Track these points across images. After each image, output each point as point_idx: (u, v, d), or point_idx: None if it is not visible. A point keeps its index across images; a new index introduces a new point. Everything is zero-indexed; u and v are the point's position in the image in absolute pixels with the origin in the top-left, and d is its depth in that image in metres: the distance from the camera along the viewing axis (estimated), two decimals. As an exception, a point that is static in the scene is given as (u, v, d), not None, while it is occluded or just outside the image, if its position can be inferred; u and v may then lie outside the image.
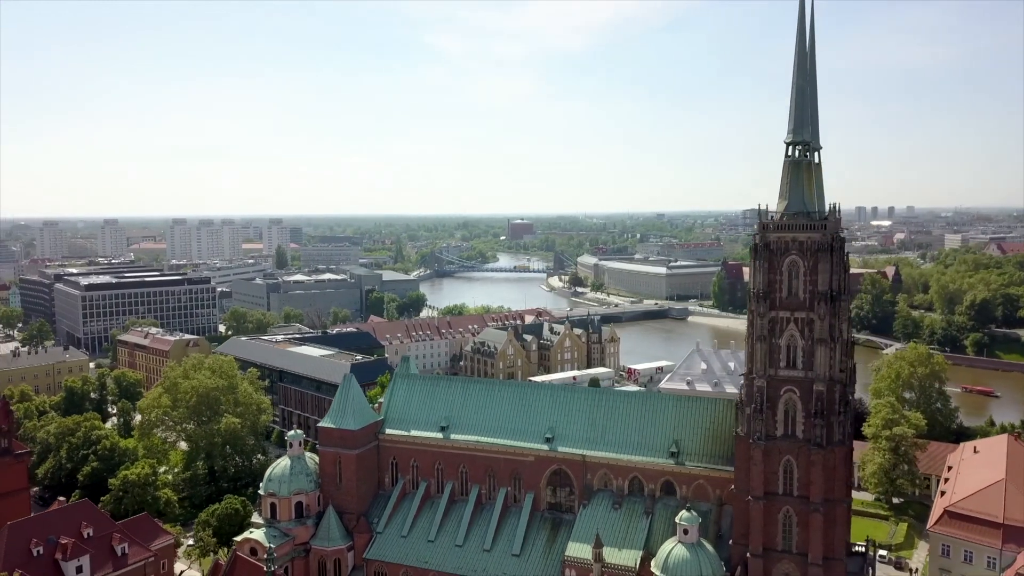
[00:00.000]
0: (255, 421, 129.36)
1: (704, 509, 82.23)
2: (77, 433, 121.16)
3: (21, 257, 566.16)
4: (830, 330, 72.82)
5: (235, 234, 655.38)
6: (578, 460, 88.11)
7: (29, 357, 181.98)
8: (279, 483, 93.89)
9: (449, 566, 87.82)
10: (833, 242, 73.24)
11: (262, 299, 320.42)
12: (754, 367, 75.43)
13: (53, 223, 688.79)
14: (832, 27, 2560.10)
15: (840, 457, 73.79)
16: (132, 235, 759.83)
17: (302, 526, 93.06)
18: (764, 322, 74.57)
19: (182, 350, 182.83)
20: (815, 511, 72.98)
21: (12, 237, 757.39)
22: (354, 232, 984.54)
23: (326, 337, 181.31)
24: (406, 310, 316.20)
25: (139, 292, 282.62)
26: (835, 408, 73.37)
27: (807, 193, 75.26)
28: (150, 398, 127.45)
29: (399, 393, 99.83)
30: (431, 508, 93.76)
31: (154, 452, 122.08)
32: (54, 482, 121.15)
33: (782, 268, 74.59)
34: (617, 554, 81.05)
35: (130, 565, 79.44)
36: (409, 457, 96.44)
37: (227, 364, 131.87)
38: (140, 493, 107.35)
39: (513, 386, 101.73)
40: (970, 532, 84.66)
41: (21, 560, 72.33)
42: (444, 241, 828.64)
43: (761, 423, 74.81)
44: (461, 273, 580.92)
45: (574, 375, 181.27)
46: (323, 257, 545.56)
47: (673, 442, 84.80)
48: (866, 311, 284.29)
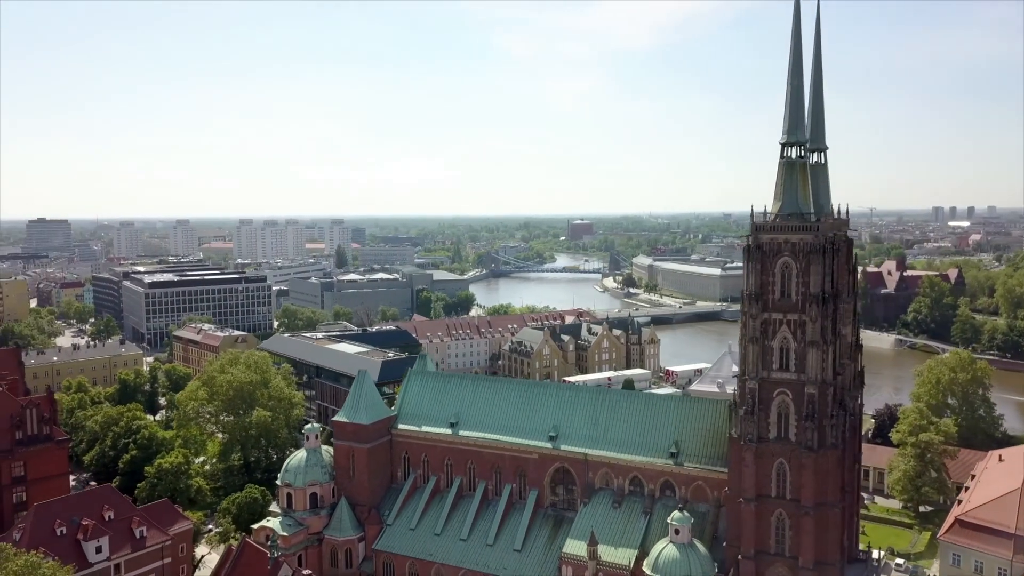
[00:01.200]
0: (288, 415, 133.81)
1: (702, 510, 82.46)
2: (120, 423, 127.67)
3: (102, 256, 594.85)
4: (822, 332, 72.13)
5: (299, 234, 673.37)
6: (580, 459, 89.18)
7: (88, 351, 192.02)
8: (295, 474, 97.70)
9: (452, 559, 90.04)
10: (827, 244, 72.48)
11: (316, 297, 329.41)
12: (746, 369, 75.27)
13: (129, 223, 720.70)
14: (902, 23, 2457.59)
15: (833, 461, 73.01)
16: (204, 235, 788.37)
17: (316, 516, 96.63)
18: (756, 324, 74.38)
19: (231, 346, 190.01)
20: (806, 514, 72.50)
21: (95, 237, 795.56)
22: (418, 233, 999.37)
23: (365, 335, 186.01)
24: (455, 309, 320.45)
25: (199, 290, 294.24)
26: (827, 411, 72.65)
27: (801, 194, 74.73)
28: (188, 391, 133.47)
29: (412, 390, 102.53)
30: (440, 502, 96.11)
31: (190, 442, 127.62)
32: (99, 468, 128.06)
33: (775, 270, 74.26)
34: (613, 552, 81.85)
35: (148, 547, 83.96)
36: (420, 452, 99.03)
37: (261, 359, 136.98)
38: (173, 481, 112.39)
39: (520, 384, 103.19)
40: (981, 542, 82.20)
41: (46, 539, 77.33)
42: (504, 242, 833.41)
43: (753, 425, 74.64)
44: (517, 273, 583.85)
45: (609, 376, 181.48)
46: (380, 257, 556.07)
47: (673, 443, 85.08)
48: (924, 315, 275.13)
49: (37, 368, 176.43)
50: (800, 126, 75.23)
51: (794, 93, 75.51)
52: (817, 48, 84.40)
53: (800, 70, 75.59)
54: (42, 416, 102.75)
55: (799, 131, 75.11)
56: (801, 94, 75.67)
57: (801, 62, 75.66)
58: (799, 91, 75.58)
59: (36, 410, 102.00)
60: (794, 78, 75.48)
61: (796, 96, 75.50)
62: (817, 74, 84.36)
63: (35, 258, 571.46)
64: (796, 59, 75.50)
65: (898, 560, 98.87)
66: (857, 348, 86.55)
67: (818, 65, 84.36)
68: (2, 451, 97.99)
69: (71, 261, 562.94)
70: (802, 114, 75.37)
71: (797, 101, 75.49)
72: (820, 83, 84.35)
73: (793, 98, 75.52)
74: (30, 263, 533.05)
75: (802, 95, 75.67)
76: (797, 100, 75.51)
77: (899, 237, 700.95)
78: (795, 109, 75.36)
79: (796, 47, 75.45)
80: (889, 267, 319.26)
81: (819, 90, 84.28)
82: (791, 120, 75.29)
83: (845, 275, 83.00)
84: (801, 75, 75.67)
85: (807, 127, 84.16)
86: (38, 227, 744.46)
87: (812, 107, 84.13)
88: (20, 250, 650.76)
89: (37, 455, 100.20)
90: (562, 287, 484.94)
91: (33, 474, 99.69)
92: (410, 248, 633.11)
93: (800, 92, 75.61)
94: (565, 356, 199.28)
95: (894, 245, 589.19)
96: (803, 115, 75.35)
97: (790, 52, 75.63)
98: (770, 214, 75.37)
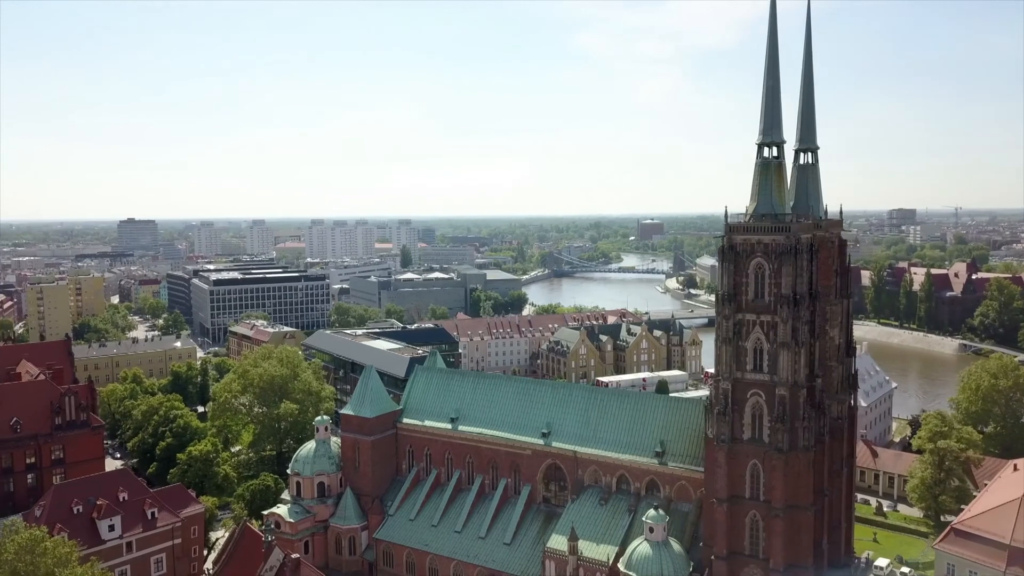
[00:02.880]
0: (317, 408, 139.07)
1: (685, 510, 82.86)
2: (160, 412, 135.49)
3: (184, 255, 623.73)
4: (794, 334, 71.71)
5: (368, 234, 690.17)
6: (570, 456, 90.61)
7: (145, 344, 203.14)
8: (303, 464, 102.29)
9: (446, 550, 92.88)
10: (799, 245, 71.94)
11: (374, 296, 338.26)
12: (720, 369, 75.40)
13: (209, 223, 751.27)
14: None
15: (804, 463, 72.44)
16: (280, 235, 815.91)
17: (323, 504, 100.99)
18: (729, 324, 74.45)
19: (279, 341, 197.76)
20: (776, 516, 72.22)
21: (182, 237, 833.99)
22: (489, 233, 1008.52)
23: (404, 332, 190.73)
24: (507, 308, 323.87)
25: (261, 288, 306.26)
26: (799, 413, 72.15)
27: (776, 195, 74.40)
28: (223, 383, 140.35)
29: (418, 385, 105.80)
30: (439, 495, 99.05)
31: (226, 432, 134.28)
32: (140, 454, 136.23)
33: (748, 270, 74.15)
34: (595, 548, 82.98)
35: (158, 528, 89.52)
36: (423, 446, 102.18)
37: (292, 354, 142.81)
38: (202, 468, 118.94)
39: (517, 382, 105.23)
40: (975, 552, 79.75)
41: (63, 517, 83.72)
42: (572, 241, 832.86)
43: (727, 425, 74.75)
44: (580, 273, 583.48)
45: (643, 377, 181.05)
46: (443, 257, 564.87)
47: (659, 442, 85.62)
48: (991, 319, 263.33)
49: (98, 359, 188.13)
50: (776, 126, 74.84)
51: (770, 93, 75.16)
52: (808, 48, 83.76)
53: (776, 70, 75.19)
54: (80, 403, 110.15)
55: (775, 131, 74.73)
56: (777, 94, 75.23)
57: (777, 61, 75.27)
58: (775, 91, 75.15)
59: (75, 397, 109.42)
60: (770, 78, 75.11)
61: (772, 96, 75.14)
62: (808, 74, 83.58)
63: (122, 256, 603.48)
64: (772, 59, 75.12)
65: (903, 568, 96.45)
66: (849, 350, 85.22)
67: (808, 65, 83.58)
68: (42, 435, 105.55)
69: (155, 259, 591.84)
70: (778, 114, 74.91)
71: (773, 101, 75.12)
72: (811, 83, 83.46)
73: (769, 98, 75.19)
74: (116, 261, 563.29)
75: (778, 95, 75.20)
76: (773, 100, 75.13)
77: (987, 238, 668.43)
78: (771, 109, 75.01)
79: (772, 47, 75.07)
80: (958, 269, 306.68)
81: (810, 90, 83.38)
82: (767, 120, 75.00)
83: (833, 276, 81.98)
84: (777, 75, 75.24)
85: (798, 127, 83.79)
86: (128, 227, 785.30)
87: (802, 107, 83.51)
88: (110, 249, 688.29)
89: (75, 439, 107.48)
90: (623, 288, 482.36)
91: (71, 457, 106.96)
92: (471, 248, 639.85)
93: (776, 92, 75.19)
94: (602, 356, 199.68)
95: (978, 246, 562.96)
96: (779, 115, 74.84)
97: (766, 52, 75.32)
98: (744, 215, 75.29)
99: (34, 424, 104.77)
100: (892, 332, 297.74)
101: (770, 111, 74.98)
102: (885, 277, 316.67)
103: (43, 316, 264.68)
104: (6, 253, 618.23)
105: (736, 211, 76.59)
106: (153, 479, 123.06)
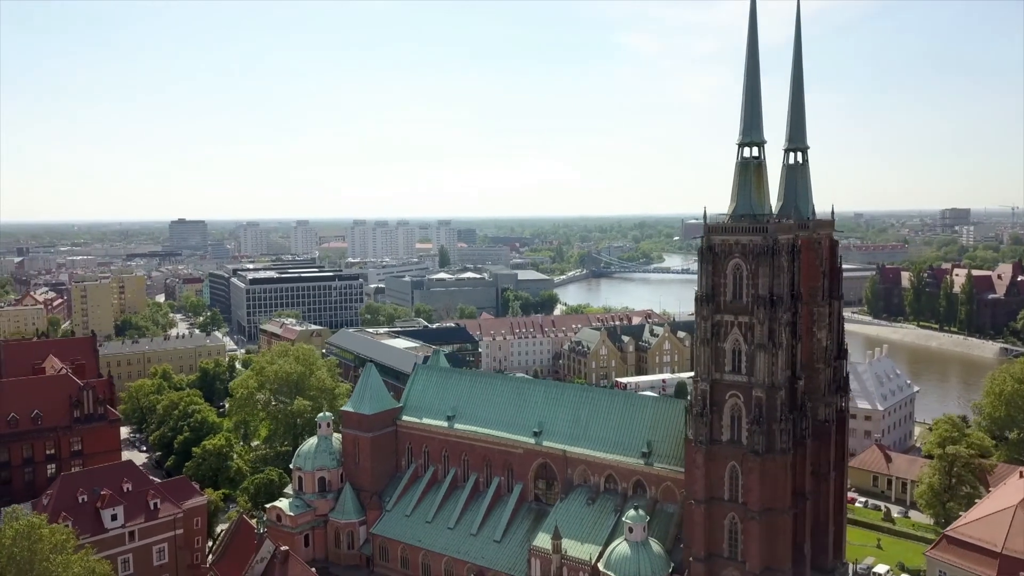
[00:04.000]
0: (331, 404, 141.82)
1: (670, 511, 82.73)
2: (180, 407, 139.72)
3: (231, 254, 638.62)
4: (770, 335, 71.15)
5: (409, 234, 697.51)
6: (560, 455, 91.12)
7: (176, 341, 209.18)
8: (305, 459, 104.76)
9: (438, 546, 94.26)
10: (776, 245, 71.31)
11: (408, 295, 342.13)
12: (698, 370, 75.19)
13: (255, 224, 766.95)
14: None
15: (781, 466, 71.77)
16: (324, 235, 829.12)
17: (323, 499, 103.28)
18: (708, 325, 74.17)
19: (306, 339, 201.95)
20: (752, 519, 71.75)
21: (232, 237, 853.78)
22: (531, 233, 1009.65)
23: (425, 331, 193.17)
24: (538, 308, 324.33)
25: (296, 287, 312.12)
26: (776, 415, 71.54)
27: (755, 195, 73.85)
28: (240, 380, 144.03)
29: (418, 383, 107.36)
30: (435, 492, 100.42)
31: (239, 427, 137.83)
32: (160, 447, 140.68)
33: (726, 271, 73.77)
34: (579, 547, 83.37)
35: (160, 518, 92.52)
36: (421, 443, 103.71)
37: (308, 352, 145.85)
38: (215, 461, 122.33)
39: (512, 381, 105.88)
40: (966, 560, 77.91)
41: (69, 505, 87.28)
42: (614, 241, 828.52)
43: (705, 427, 74.46)
44: (620, 274, 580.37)
45: (663, 378, 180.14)
46: (480, 257, 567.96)
47: (646, 442, 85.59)
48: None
49: (130, 355, 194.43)
50: (757, 126, 74.28)
51: (750, 93, 74.60)
52: (797, 47, 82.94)
53: (756, 70, 74.59)
54: (97, 397, 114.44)
55: (755, 131, 74.17)
56: (758, 94, 74.66)
57: (757, 62, 74.63)
58: (755, 91, 74.57)
59: (92, 391, 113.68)
60: (750, 78, 74.52)
61: (752, 96, 74.57)
62: (797, 73, 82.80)
63: (171, 256, 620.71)
64: (752, 59, 74.50)
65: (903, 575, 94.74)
66: (840, 352, 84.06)
67: (798, 64, 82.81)
68: (62, 427, 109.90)
69: (202, 259, 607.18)
70: (759, 114, 74.32)
71: (753, 100, 74.54)
72: (800, 82, 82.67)
73: (749, 98, 74.64)
74: (165, 260, 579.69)
75: (759, 95, 74.62)
76: (753, 100, 74.55)
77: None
78: (751, 109, 74.45)
79: (752, 47, 74.41)
80: (1002, 271, 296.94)
81: (799, 89, 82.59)
82: (747, 120, 74.47)
83: (820, 278, 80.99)
84: (758, 75, 74.66)
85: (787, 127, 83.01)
86: (178, 227, 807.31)
87: (792, 107, 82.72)
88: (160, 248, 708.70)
89: (92, 432, 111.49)
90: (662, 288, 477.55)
91: (89, 449, 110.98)
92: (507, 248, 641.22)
93: (757, 92, 74.61)
94: (624, 357, 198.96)
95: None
96: (760, 115, 74.24)
97: (746, 52, 74.69)
98: (724, 215, 74.96)
99: (54, 417, 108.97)
100: (931, 335, 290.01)
101: (750, 111, 74.44)
102: (925, 279, 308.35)
103: (87, 313, 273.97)
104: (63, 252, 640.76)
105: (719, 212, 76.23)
106: (172, 472, 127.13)
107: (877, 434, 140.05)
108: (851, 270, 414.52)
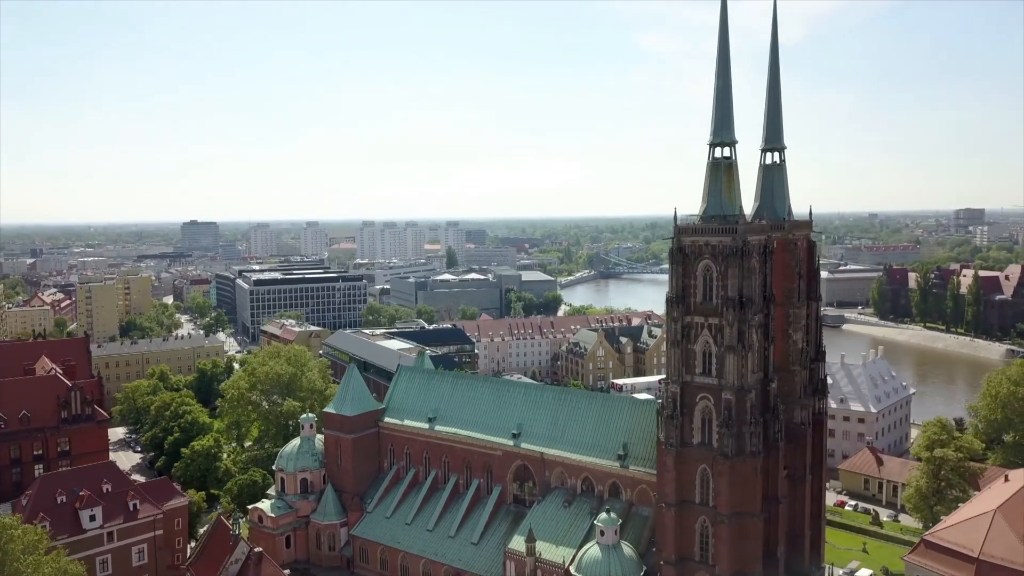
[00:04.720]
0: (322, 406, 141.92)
1: (644, 514, 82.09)
2: (171, 408, 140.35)
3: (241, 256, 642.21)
4: (740, 337, 70.43)
5: (418, 235, 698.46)
6: (537, 457, 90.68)
7: (175, 342, 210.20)
8: (287, 460, 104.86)
9: (416, 548, 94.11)
10: (745, 246, 70.57)
11: (412, 296, 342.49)
12: (668, 372, 74.58)
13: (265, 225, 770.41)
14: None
15: (751, 469, 71.02)
16: (334, 236, 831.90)
17: (305, 500, 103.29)
18: (678, 327, 73.54)
19: (305, 340, 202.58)
20: (721, 522, 71.07)
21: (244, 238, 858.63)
22: (542, 234, 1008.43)
23: (421, 332, 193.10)
24: (540, 310, 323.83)
25: (300, 288, 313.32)
26: (746, 418, 70.81)
27: (725, 196, 73.13)
28: (231, 381, 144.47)
29: (401, 385, 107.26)
30: (416, 494, 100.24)
31: (230, 428, 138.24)
32: (153, 448, 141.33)
33: (696, 272, 73.14)
34: (553, 550, 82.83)
35: (140, 519, 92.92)
36: (403, 445, 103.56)
37: (299, 353, 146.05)
38: (203, 462, 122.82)
39: (492, 383, 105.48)
40: (943, 564, 76.84)
41: (47, 506, 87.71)
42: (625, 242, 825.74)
43: (676, 429, 73.82)
44: (628, 275, 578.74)
45: (659, 379, 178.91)
46: (487, 258, 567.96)
47: (622, 445, 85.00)
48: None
49: (128, 356, 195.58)
50: (728, 126, 73.50)
51: (721, 92, 73.85)
52: (774, 46, 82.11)
53: (727, 69, 73.80)
54: (85, 398, 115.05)
55: (726, 131, 73.43)
56: (729, 93, 73.88)
57: (728, 60, 73.83)
58: (727, 90, 73.78)
59: (80, 392, 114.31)
60: (721, 77, 73.76)
61: (724, 95, 73.78)
62: (774, 72, 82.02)
63: (181, 257, 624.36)
64: (723, 58, 73.73)
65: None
66: (817, 354, 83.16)
67: (775, 63, 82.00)
68: (49, 427, 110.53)
69: (212, 260, 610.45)
70: (730, 114, 73.55)
71: (725, 100, 73.75)
72: (777, 81, 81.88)
73: (720, 97, 73.89)
74: (175, 261, 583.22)
75: (730, 94, 73.84)
76: (725, 99, 73.76)
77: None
78: (722, 109, 73.71)
79: (723, 47, 73.56)
80: (1010, 271, 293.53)
81: (776, 88, 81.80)
82: (718, 120, 73.72)
83: (796, 279, 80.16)
84: (728, 74, 73.87)
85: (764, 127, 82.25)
86: (190, 229, 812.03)
87: (768, 107, 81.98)
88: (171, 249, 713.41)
89: (80, 432, 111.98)
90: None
91: (76, 449, 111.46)
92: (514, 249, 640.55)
93: (728, 91, 73.84)
94: (622, 358, 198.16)
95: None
96: (731, 115, 73.46)
97: (717, 52, 73.84)
98: (694, 216, 74.32)
99: (42, 417, 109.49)
100: (937, 336, 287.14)
101: (721, 111, 73.70)
102: (932, 279, 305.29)
103: (91, 315, 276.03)
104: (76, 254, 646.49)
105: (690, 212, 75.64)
106: (163, 472, 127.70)
107: (870, 437, 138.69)
108: (859, 271, 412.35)
